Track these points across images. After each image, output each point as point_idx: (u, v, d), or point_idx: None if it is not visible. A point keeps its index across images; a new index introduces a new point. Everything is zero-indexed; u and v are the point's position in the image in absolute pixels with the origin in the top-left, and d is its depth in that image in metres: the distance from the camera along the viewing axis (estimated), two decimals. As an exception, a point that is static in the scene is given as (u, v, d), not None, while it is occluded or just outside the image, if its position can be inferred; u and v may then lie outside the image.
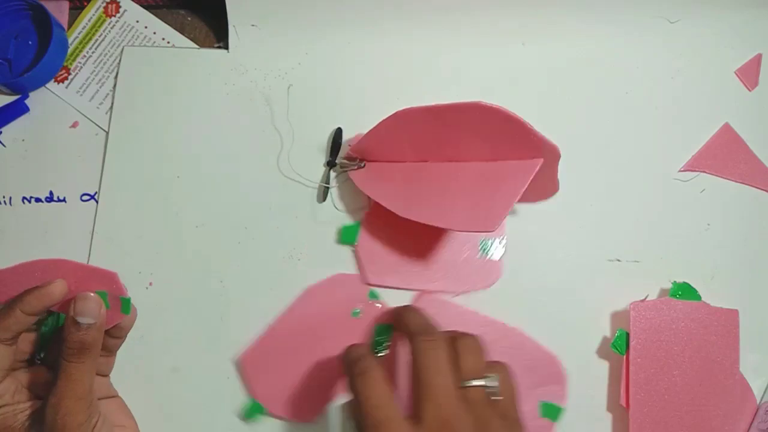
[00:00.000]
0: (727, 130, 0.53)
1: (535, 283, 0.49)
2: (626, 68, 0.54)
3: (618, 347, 0.47)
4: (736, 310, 0.48)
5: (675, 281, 0.48)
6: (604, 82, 0.54)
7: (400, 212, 0.45)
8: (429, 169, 0.47)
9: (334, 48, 0.54)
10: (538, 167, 0.42)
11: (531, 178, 0.42)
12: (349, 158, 0.51)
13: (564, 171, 0.48)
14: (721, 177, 0.52)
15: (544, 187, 0.45)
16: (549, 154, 0.42)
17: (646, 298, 0.48)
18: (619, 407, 0.46)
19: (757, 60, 0.54)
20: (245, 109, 0.54)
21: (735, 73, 0.54)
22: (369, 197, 0.50)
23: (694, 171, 0.52)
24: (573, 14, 0.54)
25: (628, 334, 0.47)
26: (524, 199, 0.48)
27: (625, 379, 0.46)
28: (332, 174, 0.52)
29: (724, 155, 0.52)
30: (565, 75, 0.54)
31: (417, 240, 0.49)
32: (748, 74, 0.54)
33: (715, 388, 0.46)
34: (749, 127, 0.53)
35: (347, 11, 0.53)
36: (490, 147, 0.43)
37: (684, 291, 0.48)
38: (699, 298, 0.48)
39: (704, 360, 0.46)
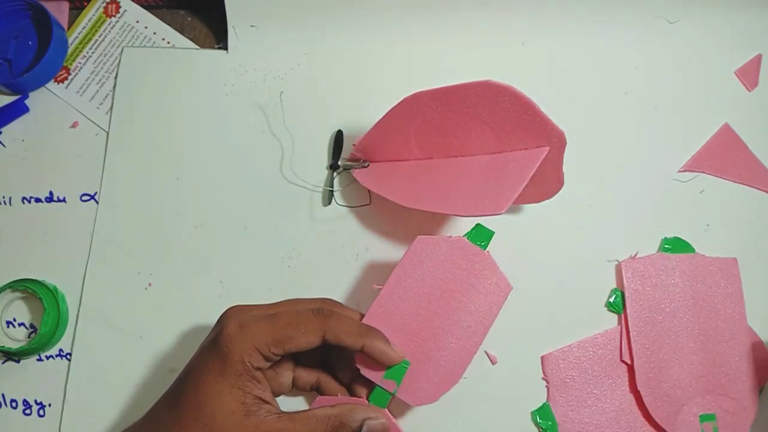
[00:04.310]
0: (726, 131, 0.53)
1: (535, 283, 0.49)
2: (626, 68, 0.54)
3: (615, 306, 0.48)
4: (735, 259, 0.48)
5: (665, 237, 0.49)
6: (604, 82, 0.54)
7: (406, 203, 0.45)
8: (434, 165, 0.47)
9: (334, 49, 0.54)
10: (544, 155, 0.42)
11: (539, 163, 0.42)
12: (353, 159, 0.51)
13: (564, 171, 0.48)
14: (721, 177, 0.52)
15: (548, 181, 0.45)
16: (555, 141, 0.42)
17: (636, 254, 0.49)
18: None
19: (757, 60, 0.54)
20: (245, 109, 0.54)
21: (735, 73, 0.54)
22: (370, 193, 0.50)
23: (694, 171, 0.52)
24: (573, 14, 0.54)
25: (623, 293, 0.48)
26: (529, 199, 0.48)
27: (627, 337, 0.47)
28: (335, 176, 0.52)
29: (724, 156, 0.52)
30: (565, 75, 0.54)
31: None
32: (748, 74, 0.54)
33: (723, 338, 0.46)
34: (749, 128, 0.53)
35: (346, 12, 0.53)
36: (497, 136, 0.43)
37: (675, 245, 0.49)
38: (692, 250, 0.48)
39: (707, 311, 0.47)
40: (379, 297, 0.41)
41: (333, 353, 0.43)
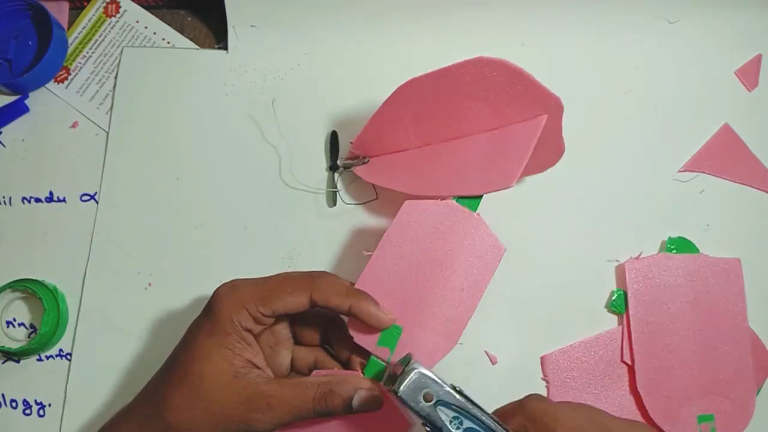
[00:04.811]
0: (726, 131, 0.53)
1: (535, 284, 0.49)
2: (626, 68, 0.54)
3: (617, 307, 0.48)
4: (738, 259, 0.48)
5: (669, 236, 0.49)
6: (604, 82, 0.54)
7: (414, 191, 0.45)
8: (435, 150, 0.47)
9: (334, 49, 0.54)
10: (543, 123, 0.42)
11: (539, 133, 0.42)
12: (352, 156, 0.51)
13: (564, 171, 0.48)
14: (721, 177, 0.52)
15: (550, 150, 0.45)
16: (552, 107, 0.42)
17: (640, 255, 0.49)
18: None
19: (757, 60, 0.54)
20: (245, 109, 0.54)
21: (735, 73, 0.54)
22: (375, 188, 0.50)
23: (694, 171, 0.52)
24: (573, 14, 0.54)
25: (626, 293, 0.48)
26: (533, 170, 0.48)
27: (628, 337, 0.47)
28: (337, 177, 0.52)
29: (724, 156, 0.52)
30: (565, 75, 0.54)
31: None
32: (748, 74, 0.54)
33: (723, 339, 0.46)
34: (749, 128, 0.53)
35: (346, 12, 0.53)
36: (494, 111, 0.43)
37: (679, 245, 0.49)
38: (697, 250, 0.48)
39: (709, 312, 0.47)
40: (370, 263, 0.41)
41: (331, 333, 0.43)
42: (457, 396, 0.34)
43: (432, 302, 0.41)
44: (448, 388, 0.34)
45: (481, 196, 0.42)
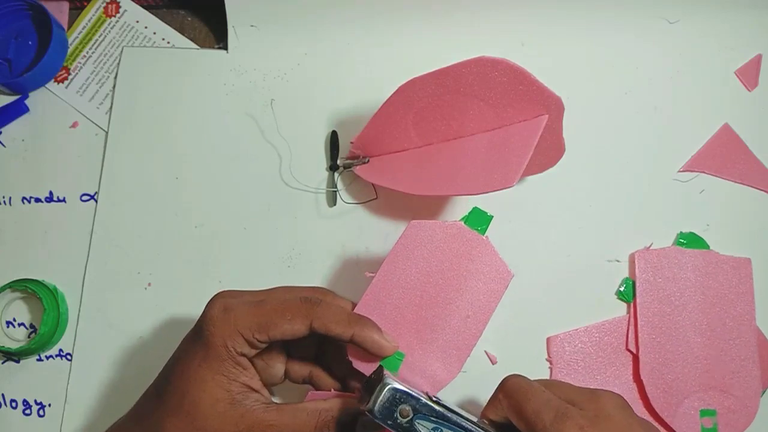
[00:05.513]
0: (726, 131, 0.52)
1: (535, 284, 0.49)
2: (626, 68, 0.54)
3: (625, 295, 0.48)
4: (749, 259, 0.48)
5: (681, 231, 0.49)
6: (604, 82, 0.54)
7: (414, 191, 0.45)
8: (436, 150, 0.47)
9: (334, 48, 0.54)
10: (544, 123, 0.42)
11: (540, 132, 0.41)
12: (352, 156, 0.51)
13: (564, 171, 0.48)
14: (721, 177, 0.52)
15: (550, 150, 0.45)
16: (553, 107, 0.42)
17: (650, 246, 0.49)
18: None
19: (757, 60, 0.54)
20: (245, 109, 0.54)
21: (735, 73, 0.54)
22: (375, 188, 0.50)
23: (694, 171, 0.52)
24: (572, 14, 0.54)
25: (634, 283, 0.48)
26: (533, 170, 0.48)
27: (634, 326, 0.47)
28: (337, 177, 0.52)
29: (724, 156, 0.52)
30: (564, 75, 0.54)
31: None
32: (748, 74, 0.54)
33: (730, 336, 0.46)
34: (749, 128, 0.53)
35: (347, 12, 0.53)
36: (495, 110, 0.43)
37: (690, 240, 0.49)
38: (707, 246, 0.48)
39: (716, 308, 0.47)
40: (372, 285, 0.39)
41: (327, 347, 0.42)
42: (435, 406, 0.33)
43: (436, 328, 0.39)
44: (424, 400, 0.33)
45: (491, 216, 0.41)
